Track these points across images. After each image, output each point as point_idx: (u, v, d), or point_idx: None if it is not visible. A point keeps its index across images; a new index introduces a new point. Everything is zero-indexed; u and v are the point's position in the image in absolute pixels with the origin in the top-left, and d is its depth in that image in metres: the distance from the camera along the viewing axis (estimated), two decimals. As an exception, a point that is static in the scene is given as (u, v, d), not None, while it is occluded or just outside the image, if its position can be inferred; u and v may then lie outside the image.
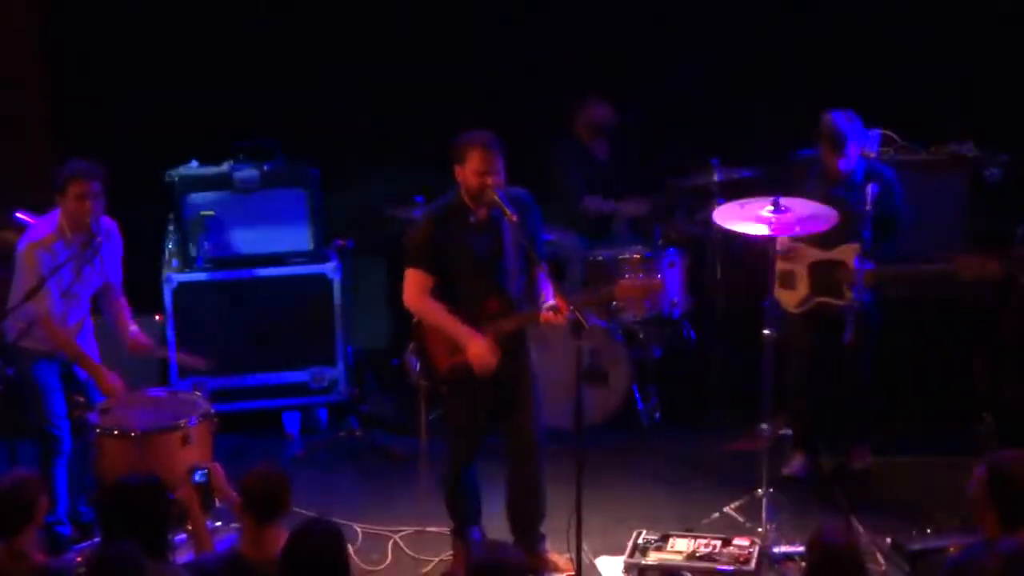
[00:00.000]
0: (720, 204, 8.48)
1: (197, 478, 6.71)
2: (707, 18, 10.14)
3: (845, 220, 7.71)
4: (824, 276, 8.01)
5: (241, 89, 10.10)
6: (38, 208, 8.05)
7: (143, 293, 8.54)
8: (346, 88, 10.24)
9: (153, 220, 9.53)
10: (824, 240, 7.93)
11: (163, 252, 9.46)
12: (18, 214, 8.58)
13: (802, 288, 8.09)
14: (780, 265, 8.03)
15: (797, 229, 7.49)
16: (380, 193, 9.61)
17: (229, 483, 6.65)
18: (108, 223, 7.80)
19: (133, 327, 7.94)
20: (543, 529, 7.48)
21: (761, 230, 7.43)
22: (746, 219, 7.49)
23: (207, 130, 9.75)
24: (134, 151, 9.66)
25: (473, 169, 7.07)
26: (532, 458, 7.33)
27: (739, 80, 9.80)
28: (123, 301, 7.99)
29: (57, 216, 7.67)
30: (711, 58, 10.04)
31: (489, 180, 7.04)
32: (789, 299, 8.16)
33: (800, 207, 7.52)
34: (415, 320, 7.32)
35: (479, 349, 7.10)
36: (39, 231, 7.68)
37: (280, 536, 5.76)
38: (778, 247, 7.83)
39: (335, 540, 5.63)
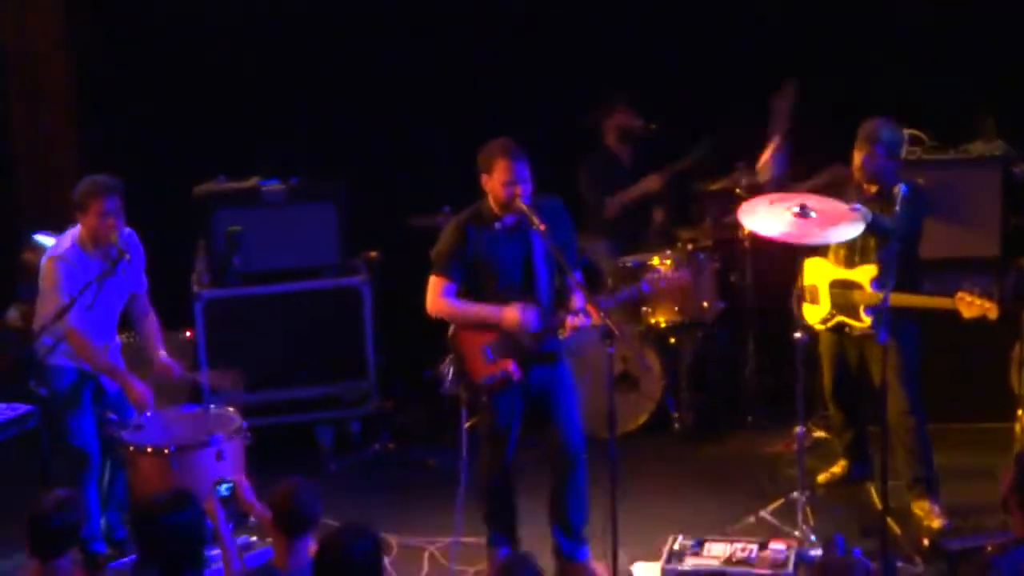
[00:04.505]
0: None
1: (223, 491, 6.69)
2: (730, 22, 10.15)
3: (870, 241, 7.66)
4: (842, 295, 7.85)
5: (268, 103, 10.14)
6: (65, 229, 8.06)
7: (173, 309, 8.53)
8: (373, 100, 10.27)
9: (182, 236, 9.55)
10: (849, 259, 7.84)
11: (192, 268, 9.49)
12: (37, 236, 8.60)
13: (824, 304, 7.97)
14: (807, 280, 7.96)
15: (825, 235, 7.43)
16: (408, 204, 9.59)
17: (258, 498, 6.63)
18: (127, 233, 7.74)
19: (162, 352, 7.84)
20: (584, 535, 7.46)
21: (786, 233, 7.36)
22: (771, 221, 7.42)
23: (234, 145, 9.76)
24: (162, 168, 9.69)
25: (500, 180, 7.05)
26: (573, 466, 7.31)
27: (763, 82, 9.76)
28: (153, 317, 7.94)
29: (76, 232, 7.65)
30: (736, 61, 10.05)
31: (517, 190, 7.03)
32: (813, 314, 7.99)
33: (826, 211, 7.42)
34: (451, 332, 7.30)
35: (512, 315, 7.09)
36: (60, 246, 7.67)
37: (311, 549, 5.75)
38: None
39: (371, 543, 5.60)
